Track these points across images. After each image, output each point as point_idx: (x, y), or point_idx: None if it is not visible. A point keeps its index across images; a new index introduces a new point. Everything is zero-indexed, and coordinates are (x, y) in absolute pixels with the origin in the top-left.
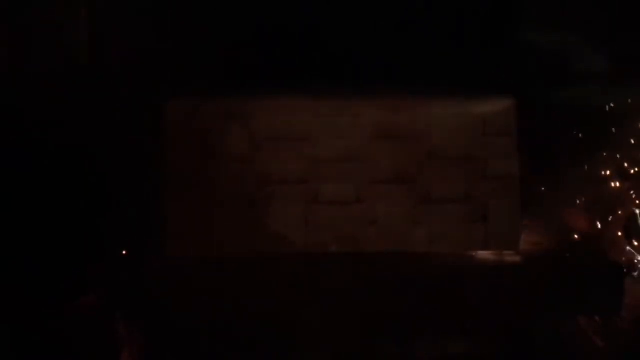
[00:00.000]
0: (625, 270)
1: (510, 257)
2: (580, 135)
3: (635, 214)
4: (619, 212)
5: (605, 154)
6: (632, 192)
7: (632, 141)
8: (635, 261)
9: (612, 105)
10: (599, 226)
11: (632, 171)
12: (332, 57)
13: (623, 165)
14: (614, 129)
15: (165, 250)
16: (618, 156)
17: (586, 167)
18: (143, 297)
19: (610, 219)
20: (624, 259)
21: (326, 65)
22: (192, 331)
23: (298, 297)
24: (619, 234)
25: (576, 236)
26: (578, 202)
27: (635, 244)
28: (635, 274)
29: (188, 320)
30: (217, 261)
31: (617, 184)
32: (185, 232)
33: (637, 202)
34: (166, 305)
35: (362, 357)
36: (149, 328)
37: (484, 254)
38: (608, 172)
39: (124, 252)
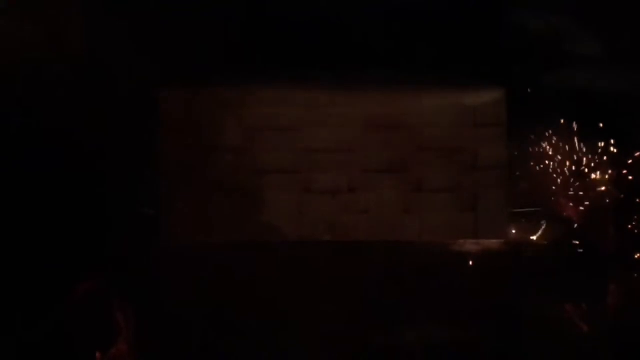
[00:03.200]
0: (611, 257)
1: (499, 246)
2: (569, 122)
3: (623, 202)
4: (607, 200)
5: (593, 141)
6: (620, 180)
7: (623, 128)
8: (621, 248)
9: (603, 91)
10: (586, 214)
11: (621, 159)
12: (324, 47)
13: (612, 153)
14: (604, 116)
15: (162, 241)
16: (607, 143)
17: (575, 155)
18: (141, 287)
19: (597, 207)
20: (610, 246)
21: (318, 56)
22: (189, 320)
23: (293, 286)
24: (607, 221)
25: (564, 224)
26: (566, 190)
27: (622, 231)
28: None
29: (186, 309)
30: (215, 252)
31: (606, 172)
32: (181, 223)
33: (625, 190)
34: (164, 295)
35: (354, 345)
36: (147, 317)
37: (473, 243)
38: (597, 160)
39: (124, 244)
